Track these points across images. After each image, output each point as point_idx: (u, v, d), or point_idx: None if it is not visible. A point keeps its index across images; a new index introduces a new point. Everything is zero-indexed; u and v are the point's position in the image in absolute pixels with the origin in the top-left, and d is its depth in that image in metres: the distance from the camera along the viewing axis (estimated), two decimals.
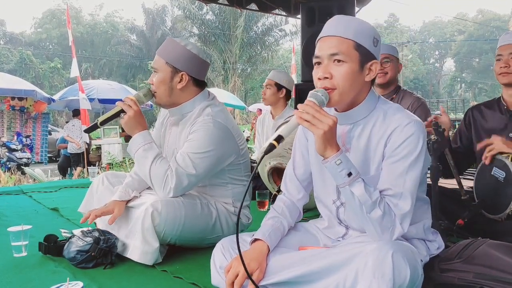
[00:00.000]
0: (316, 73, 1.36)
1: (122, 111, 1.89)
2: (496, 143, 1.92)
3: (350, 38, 1.33)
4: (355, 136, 1.41)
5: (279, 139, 1.23)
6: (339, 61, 1.33)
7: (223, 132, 1.93)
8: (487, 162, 1.95)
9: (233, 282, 1.35)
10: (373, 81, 1.42)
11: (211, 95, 2.08)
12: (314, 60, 1.38)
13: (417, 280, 1.26)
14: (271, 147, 1.23)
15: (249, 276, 1.31)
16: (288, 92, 3.66)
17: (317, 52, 1.38)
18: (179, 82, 1.95)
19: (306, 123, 1.24)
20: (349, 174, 1.26)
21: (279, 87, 3.56)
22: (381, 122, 1.37)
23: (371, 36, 1.36)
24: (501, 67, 2.09)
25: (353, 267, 1.20)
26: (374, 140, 1.38)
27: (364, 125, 1.40)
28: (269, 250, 1.42)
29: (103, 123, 1.89)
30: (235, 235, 1.55)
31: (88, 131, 1.94)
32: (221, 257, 1.47)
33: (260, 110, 13.72)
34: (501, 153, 1.98)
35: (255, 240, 1.45)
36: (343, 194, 1.33)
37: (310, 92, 1.31)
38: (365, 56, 1.35)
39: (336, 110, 1.44)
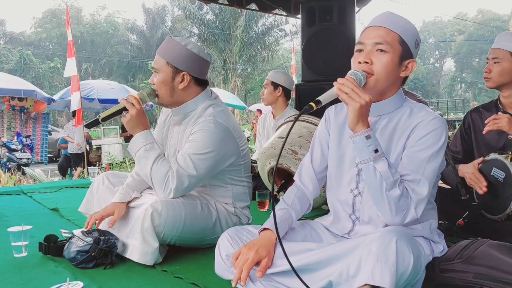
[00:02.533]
0: (357, 58, 1.41)
1: (124, 109, 1.88)
2: (502, 120, 1.93)
3: (397, 32, 1.40)
4: (379, 128, 1.45)
5: (318, 103, 1.28)
6: (382, 50, 1.38)
7: (224, 133, 1.93)
8: (487, 128, 1.95)
9: (241, 269, 1.37)
10: (405, 79, 1.47)
11: (213, 94, 2.08)
12: (357, 47, 1.44)
13: (420, 270, 1.27)
14: (309, 107, 1.26)
15: (285, 253, 1.31)
16: (287, 92, 3.66)
17: (362, 38, 1.43)
18: (181, 82, 1.95)
19: (345, 95, 1.29)
20: (376, 151, 1.30)
21: (275, 86, 3.58)
22: (407, 118, 1.43)
23: (414, 37, 1.44)
24: (485, 71, 2.15)
25: (357, 254, 1.22)
26: (397, 133, 1.42)
27: (389, 119, 1.45)
28: (276, 240, 1.44)
29: (105, 119, 1.88)
30: (240, 226, 1.61)
31: (89, 126, 1.94)
32: (228, 246, 1.50)
33: (260, 111, 13.72)
34: (500, 153, 1.98)
35: (264, 230, 1.48)
36: (365, 171, 1.35)
37: (350, 71, 1.37)
38: (406, 52, 1.41)
39: None
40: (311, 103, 1.26)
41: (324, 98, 1.30)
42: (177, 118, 2.05)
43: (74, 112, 9.82)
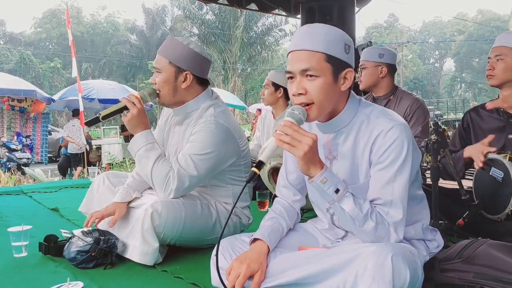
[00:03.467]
0: (291, 88, 1.34)
1: (125, 108, 1.87)
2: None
3: (319, 51, 1.29)
4: (340, 143, 1.40)
5: (260, 165, 1.23)
6: (311, 75, 1.29)
7: (224, 133, 1.93)
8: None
9: (234, 285, 1.35)
10: (350, 88, 1.39)
11: (214, 94, 2.07)
12: (287, 75, 1.35)
13: (417, 282, 1.26)
14: (253, 175, 1.22)
15: None
16: (287, 92, 3.65)
17: (288, 67, 1.34)
18: (183, 82, 1.95)
19: (286, 145, 1.22)
20: (337, 191, 1.26)
21: (276, 86, 3.57)
22: (365, 127, 1.35)
23: (342, 44, 1.31)
24: (488, 69, 2.13)
25: (353, 269, 1.20)
26: (360, 146, 1.36)
27: (348, 131, 1.38)
28: (269, 250, 1.42)
29: (105, 117, 1.86)
30: (233, 236, 1.57)
31: (89, 124, 1.90)
32: (221, 257, 1.47)
33: (260, 110, 13.72)
34: (499, 153, 1.98)
35: (254, 240, 1.44)
36: (334, 210, 1.32)
37: (287, 111, 1.30)
38: (337, 66, 1.31)
39: (318, 120, 1.41)
40: (254, 169, 1.21)
41: (265, 156, 1.24)
42: (179, 118, 2.04)
43: (74, 112, 9.83)
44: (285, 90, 3.61)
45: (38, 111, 10.87)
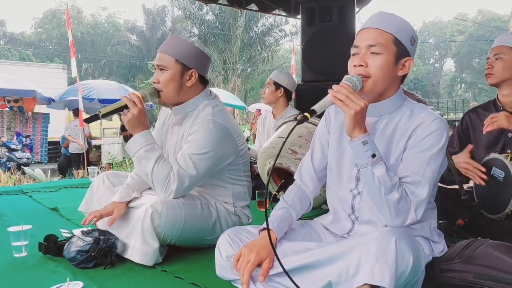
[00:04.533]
0: (352, 61, 1.42)
1: (126, 107, 1.84)
2: (501, 117, 1.92)
3: (390, 32, 1.39)
4: (379, 129, 1.45)
5: (312, 112, 1.28)
6: (376, 52, 1.38)
7: (222, 132, 1.92)
8: (487, 129, 1.94)
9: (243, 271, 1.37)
10: (403, 78, 1.46)
11: (212, 93, 2.08)
12: (352, 51, 1.43)
13: (419, 270, 1.27)
14: (304, 118, 1.26)
15: (277, 256, 1.32)
16: (288, 93, 3.66)
17: (356, 42, 1.43)
18: (189, 80, 1.94)
19: (340, 102, 1.29)
20: (373, 156, 1.30)
21: (277, 86, 3.58)
22: (407, 119, 1.42)
23: (410, 35, 1.42)
24: (487, 68, 2.15)
25: (356, 254, 1.22)
26: (398, 134, 1.42)
27: (389, 119, 1.44)
28: (276, 240, 1.45)
29: (105, 115, 1.82)
30: (239, 227, 1.61)
31: (88, 121, 1.87)
32: (228, 247, 1.51)
33: (259, 110, 13.72)
34: (501, 153, 1.98)
35: (263, 229, 1.47)
36: (363, 175, 1.35)
37: (346, 76, 1.36)
38: (401, 51, 1.40)
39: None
40: (306, 113, 1.26)
41: (319, 107, 1.31)
42: (178, 117, 2.04)
43: (74, 112, 9.83)
44: (286, 90, 3.62)
45: (30, 109, 10.82)
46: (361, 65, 1.38)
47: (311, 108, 1.29)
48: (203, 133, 1.88)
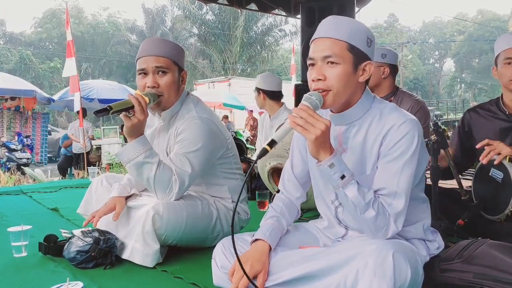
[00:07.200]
0: (310, 74, 1.37)
1: (132, 107, 1.73)
2: (500, 146, 1.87)
3: (343, 40, 1.33)
4: (351, 137, 1.41)
5: (272, 143, 1.25)
6: (332, 63, 1.33)
7: (210, 126, 1.92)
8: (485, 162, 1.91)
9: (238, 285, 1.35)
10: (367, 81, 1.42)
11: (186, 90, 2.05)
12: (308, 62, 1.38)
13: (418, 280, 1.26)
14: (264, 152, 1.24)
15: (252, 282, 1.32)
16: (269, 94, 3.61)
17: (310, 53, 1.37)
18: (182, 81, 1.94)
19: (299, 127, 1.24)
20: (342, 177, 1.27)
21: (257, 91, 3.65)
22: (377, 122, 1.37)
23: (365, 37, 1.36)
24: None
25: (354, 267, 1.21)
26: (370, 140, 1.38)
27: (360, 125, 1.40)
28: (270, 249, 1.43)
29: (114, 113, 1.71)
30: (235, 235, 1.56)
31: (97, 113, 1.71)
32: (222, 257, 1.48)
33: (251, 111, 13.75)
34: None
35: (255, 240, 1.45)
36: (339, 196, 1.34)
37: (304, 95, 1.32)
38: (358, 57, 1.35)
39: (331, 111, 1.44)
40: (265, 146, 1.23)
41: (278, 136, 1.27)
42: (165, 123, 1.99)
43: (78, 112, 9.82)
44: (265, 92, 3.61)
45: (30, 108, 10.83)
46: (320, 79, 1.33)
47: (271, 138, 1.25)
48: (192, 130, 1.87)
